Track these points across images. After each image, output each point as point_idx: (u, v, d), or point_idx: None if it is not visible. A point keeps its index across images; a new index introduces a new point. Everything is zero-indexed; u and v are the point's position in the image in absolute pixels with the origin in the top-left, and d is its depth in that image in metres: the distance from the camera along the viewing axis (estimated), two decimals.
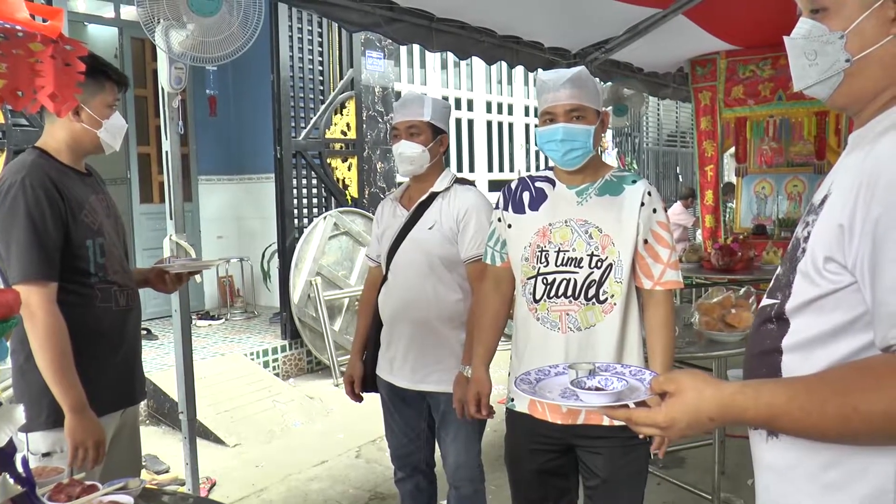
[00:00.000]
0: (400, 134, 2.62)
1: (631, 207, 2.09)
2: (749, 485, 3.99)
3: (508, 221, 2.28)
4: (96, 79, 2.20)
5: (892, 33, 1.07)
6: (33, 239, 2.05)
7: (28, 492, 0.97)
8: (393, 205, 2.77)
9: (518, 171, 10.06)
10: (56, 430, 2.12)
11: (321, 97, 6.79)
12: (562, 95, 2.10)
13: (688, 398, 1.12)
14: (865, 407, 0.98)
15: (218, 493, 4.07)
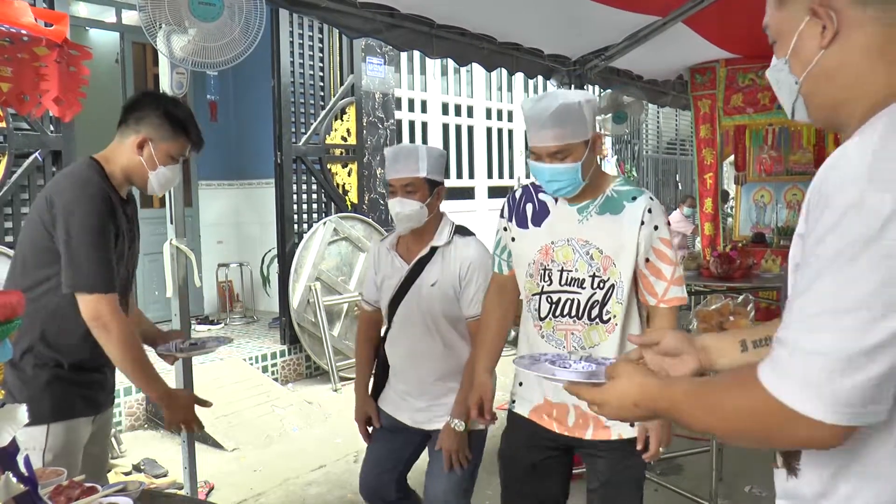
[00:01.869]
0: (396, 191, 2.51)
1: (631, 227, 2.08)
2: (746, 491, 4.00)
3: (513, 235, 2.29)
4: (175, 129, 2.33)
5: (822, 47, 1.11)
6: (101, 253, 2.15)
7: (30, 491, 0.98)
8: (390, 254, 2.67)
9: (518, 177, 10.08)
10: (31, 426, 2.09)
11: (321, 103, 6.81)
12: (545, 136, 2.05)
13: (620, 383, 1.25)
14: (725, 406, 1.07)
15: (216, 498, 4.07)
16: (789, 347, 0.97)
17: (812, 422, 0.94)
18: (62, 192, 2.18)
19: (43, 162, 4.61)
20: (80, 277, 2.14)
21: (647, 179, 13.06)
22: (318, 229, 6.59)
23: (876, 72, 1.07)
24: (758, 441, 1.07)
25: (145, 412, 5.20)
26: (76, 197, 2.16)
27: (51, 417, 2.21)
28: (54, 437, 2.22)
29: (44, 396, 2.20)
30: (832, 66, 1.11)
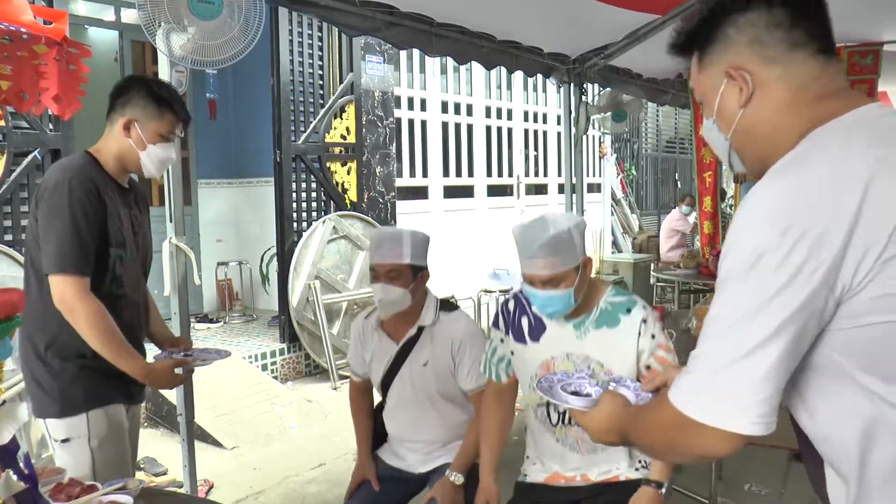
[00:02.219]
0: (379, 276, 2.48)
1: (629, 340, 2.13)
2: (746, 489, 4.00)
3: (511, 348, 2.33)
4: (159, 106, 2.33)
5: (741, 107, 1.22)
6: (72, 235, 2.14)
7: (31, 488, 0.98)
8: (376, 332, 2.64)
9: (517, 175, 10.08)
10: (70, 417, 2.23)
11: (321, 101, 6.81)
12: (536, 265, 2.10)
13: (598, 410, 1.44)
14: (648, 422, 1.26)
15: (215, 496, 4.08)
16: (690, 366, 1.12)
17: (709, 429, 1.07)
18: (46, 180, 2.24)
19: (42, 160, 4.60)
20: (47, 258, 2.16)
21: (646, 178, 13.07)
22: (318, 228, 6.59)
23: (788, 125, 1.18)
24: (669, 450, 1.24)
25: (145, 410, 5.21)
26: (50, 183, 2.20)
27: (87, 405, 2.25)
28: (95, 424, 2.26)
29: (76, 386, 2.24)
30: (752, 123, 1.23)
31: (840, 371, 1.07)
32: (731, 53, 1.23)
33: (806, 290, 1.01)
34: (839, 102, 1.16)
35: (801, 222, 1.01)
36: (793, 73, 1.19)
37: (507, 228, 7.97)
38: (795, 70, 1.19)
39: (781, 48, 1.20)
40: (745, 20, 1.22)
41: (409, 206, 8.21)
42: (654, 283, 8.52)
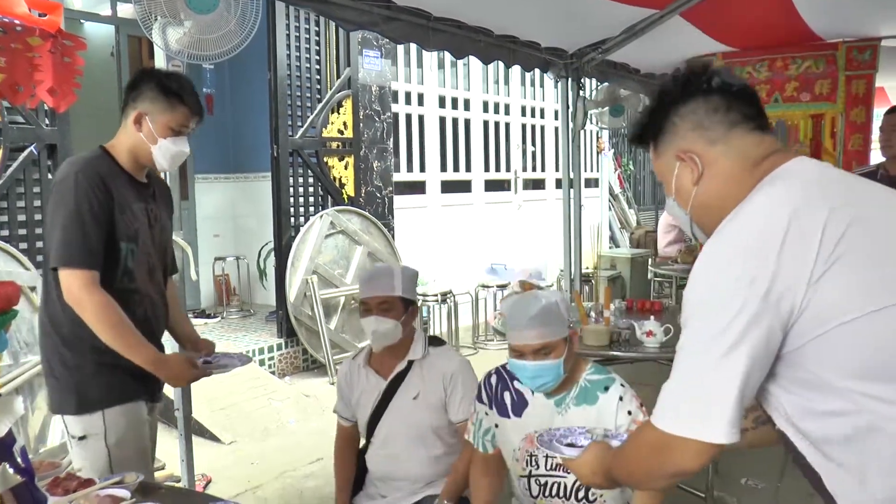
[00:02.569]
0: (371, 309, 2.52)
1: (607, 418, 2.18)
2: (742, 484, 4.01)
3: (495, 422, 2.36)
4: (169, 99, 2.31)
5: (694, 184, 1.40)
6: (76, 228, 2.12)
7: (27, 482, 0.98)
8: (364, 370, 2.66)
9: (514, 170, 10.07)
10: (87, 414, 2.21)
11: (318, 96, 6.80)
12: (528, 336, 2.15)
13: (584, 454, 1.63)
14: (627, 450, 1.48)
15: (213, 490, 4.08)
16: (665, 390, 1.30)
17: (686, 442, 1.23)
18: (54, 178, 2.24)
19: (38, 155, 4.59)
20: (53, 252, 2.15)
21: (643, 173, 13.06)
22: (315, 223, 6.59)
23: (735, 192, 1.33)
24: (648, 472, 1.37)
25: None
26: (58, 178, 2.19)
27: (104, 403, 2.23)
28: (113, 422, 2.24)
29: (93, 382, 2.23)
30: (706, 197, 1.40)
31: (819, 382, 1.22)
32: (679, 139, 1.42)
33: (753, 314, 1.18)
34: (770, 163, 1.34)
35: (741, 266, 1.20)
36: (733, 148, 1.37)
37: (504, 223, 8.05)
38: (735, 146, 1.37)
39: (721, 129, 1.38)
40: (687, 109, 1.41)
41: (407, 200, 8.21)
42: (652, 279, 8.53)
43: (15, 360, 4.13)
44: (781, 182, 1.29)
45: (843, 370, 1.19)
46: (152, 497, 1.85)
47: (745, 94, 1.41)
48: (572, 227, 5.89)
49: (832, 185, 1.30)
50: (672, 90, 1.44)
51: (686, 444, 1.23)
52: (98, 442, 2.21)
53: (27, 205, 4.60)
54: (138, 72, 2.41)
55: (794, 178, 1.30)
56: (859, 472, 1.22)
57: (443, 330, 7.32)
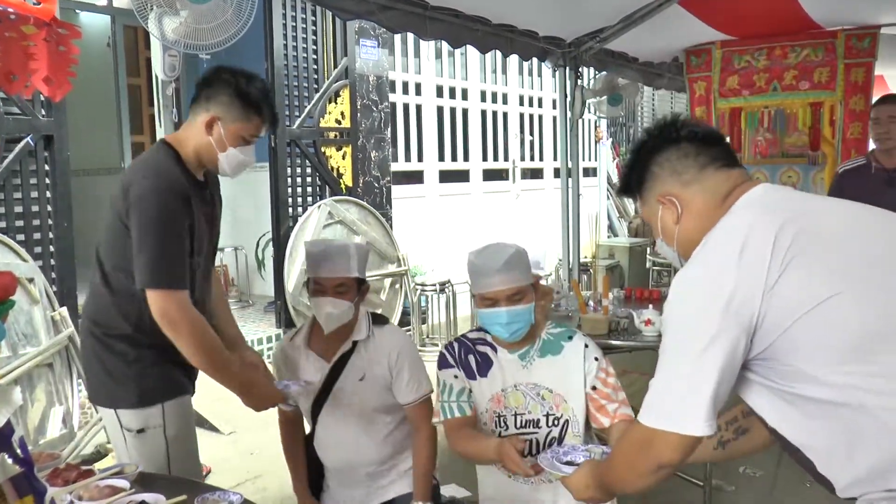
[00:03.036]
0: (325, 290, 2.39)
1: (575, 364, 2.22)
2: (740, 472, 4.02)
3: (467, 386, 2.30)
4: (247, 109, 2.24)
5: (676, 223, 1.57)
6: (170, 249, 2.08)
7: (26, 472, 0.98)
8: (304, 353, 2.53)
9: (512, 159, 10.06)
10: (146, 408, 2.19)
11: (315, 86, 6.78)
12: (499, 280, 2.19)
13: (578, 471, 1.80)
14: (616, 452, 1.67)
15: (213, 481, 4.08)
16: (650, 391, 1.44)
17: (669, 436, 1.38)
18: (136, 182, 2.11)
19: (35, 146, 4.58)
20: (146, 274, 2.07)
21: None
22: (313, 213, 6.58)
23: (708, 227, 1.46)
24: (636, 470, 1.50)
25: None
26: (147, 189, 2.09)
27: (164, 396, 2.22)
28: (171, 415, 2.23)
29: (153, 376, 2.20)
30: (687, 232, 1.55)
31: (796, 372, 1.33)
32: (660, 184, 1.59)
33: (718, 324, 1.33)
34: (736, 195, 1.50)
35: (706, 285, 1.38)
36: (705, 187, 1.54)
37: (502, 213, 8.02)
38: (706, 184, 1.54)
39: (693, 172, 1.55)
40: (663, 158, 1.58)
41: (405, 190, 8.20)
42: (650, 268, 8.53)
43: (14, 352, 4.13)
44: (741, 209, 1.47)
45: (813, 358, 1.31)
46: (152, 487, 1.85)
47: (711, 138, 1.60)
48: (570, 217, 5.88)
49: (785, 203, 1.46)
50: (647, 142, 1.63)
51: (667, 437, 1.38)
52: (157, 435, 2.20)
53: (24, 196, 4.59)
54: (215, 69, 2.30)
55: (750, 205, 1.47)
56: (846, 451, 1.32)
57: (441, 319, 7.32)
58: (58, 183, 4.72)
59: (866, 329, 1.29)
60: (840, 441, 1.33)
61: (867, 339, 1.29)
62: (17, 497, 0.96)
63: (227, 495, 1.81)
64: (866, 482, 1.32)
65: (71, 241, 4.85)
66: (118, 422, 2.20)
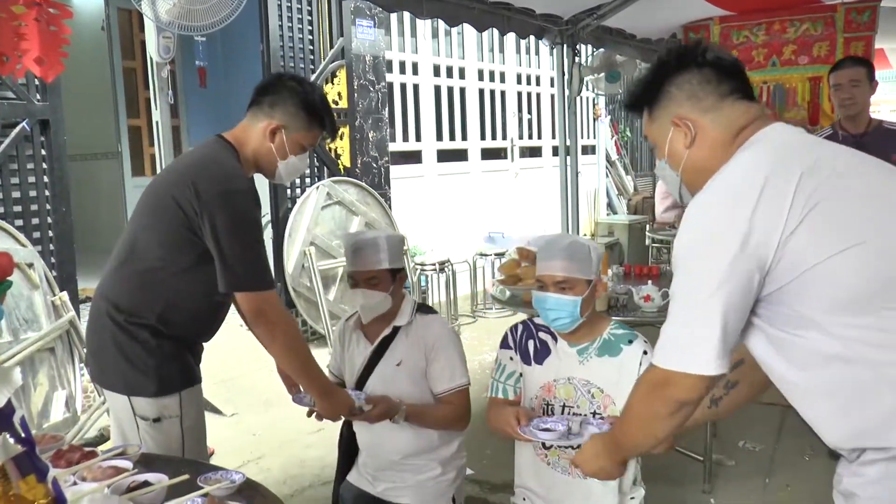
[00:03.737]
0: (358, 283, 2.46)
1: (630, 370, 2.20)
2: (740, 446, 4.05)
3: (519, 369, 2.36)
4: (311, 119, 2.27)
5: (687, 147, 1.54)
6: (256, 251, 2.11)
7: (28, 451, 0.98)
8: (355, 333, 2.62)
9: (510, 138, 10.03)
10: (164, 397, 2.19)
11: (312, 67, 6.74)
12: (553, 266, 2.23)
13: (587, 445, 1.82)
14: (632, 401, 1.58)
15: (216, 462, 4.07)
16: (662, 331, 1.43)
17: (684, 376, 1.37)
18: (210, 182, 2.11)
19: (31, 131, 4.56)
20: (239, 279, 2.10)
21: (640, 139, 13.02)
22: (312, 194, 6.57)
23: (722, 156, 1.46)
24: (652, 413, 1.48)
25: None
26: (226, 192, 2.09)
27: (181, 385, 2.23)
28: (187, 405, 2.24)
29: (172, 365, 2.21)
30: (695, 161, 1.54)
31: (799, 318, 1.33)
32: (675, 106, 1.55)
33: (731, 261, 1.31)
34: (751, 129, 1.49)
35: (721, 220, 1.35)
36: (723, 117, 1.51)
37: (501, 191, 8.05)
38: (724, 114, 1.51)
39: (713, 99, 1.52)
40: (683, 79, 1.55)
41: (403, 170, 8.19)
42: (650, 244, 8.52)
43: (15, 337, 4.14)
44: (759, 145, 1.44)
45: (822, 306, 1.30)
46: (154, 468, 1.86)
47: (735, 69, 1.56)
48: (569, 195, 5.88)
49: (804, 148, 1.42)
50: (668, 61, 1.58)
51: (683, 377, 1.37)
52: (174, 424, 2.21)
53: (21, 181, 4.58)
54: (278, 77, 2.34)
55: (770, 143, 1.44)
56: (843, 404, 1.33)
57: (441, 299, 7.34)
58: (55, 167, 4.71)
59: (881, 281, 1.28)
60: (837, 393, 1.33)
61: (880, 291, 1.28)
62: (20, 476, 0.97)
63: (229, 475, 1.82)
64: (858, 437, 1.32)
65: (70, 225, 4.85)
66: (131, 409, 2.19)
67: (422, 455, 2.55)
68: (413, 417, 2.46)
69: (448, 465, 2.57)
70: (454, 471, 2.58)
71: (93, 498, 1.27)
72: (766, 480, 3.65)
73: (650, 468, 2.54)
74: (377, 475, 2.59)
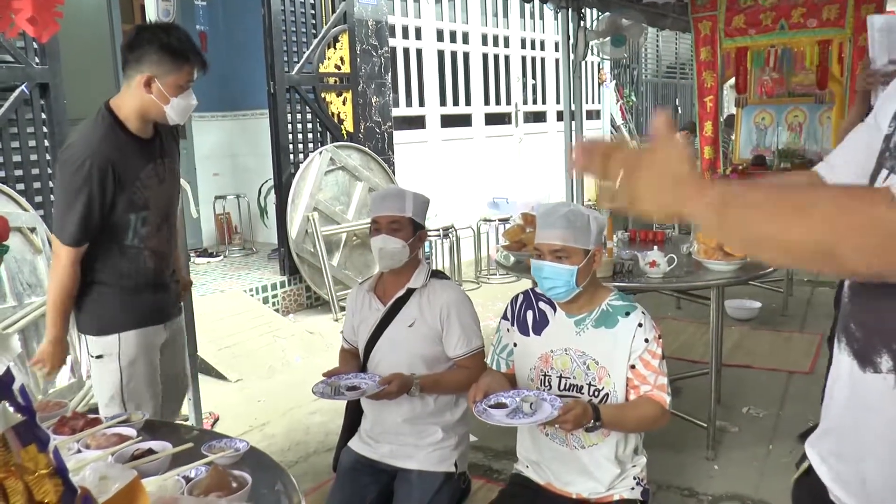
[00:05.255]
0: (381, 228, 2.52)
1: (624, 340, 2.19)
2: (744, 412, 4.06)
3: (515, 340, 2.37)
4: (176, 59, 2.38)
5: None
6: (79, 211, 2.33)
7: (28, 420, 0.97)
8: (368, 296, 2.65)
9: (515, 103, 9.95)
10: (103, 336, 2.48)
11: (313, 31, 6.66)
12: (550, 235, 2.21)
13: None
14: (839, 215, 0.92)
15: (221, 428, 4.13)
16: None
17: None
18: (67, 142, 2.44)
19: (30, 95, 4.52)
20: (55, 223, 2.41)
21: (646, 104, 12.91)
22: (314, 159, 6.53)
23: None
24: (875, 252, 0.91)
25: None
26: (67, 155, 2.35)
27: (121, 327, 2.48)
28: (126, 345, 2.48)
29: (114, 310, 2.49)
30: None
31: None
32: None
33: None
34: None
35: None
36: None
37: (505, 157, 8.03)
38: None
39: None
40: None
41: (407, 135, 8.13)
42: None
43: (19, 302, 4.13)
44: None
45: None
46: (159, 435, 1.86)
47: None
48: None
49: None
50: None
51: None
52: (112, 361, 2.48)
53: (21, 145, 4.54)
54: (135, 33, 2.43)
55: None
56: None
57: (445, 265, 7.33)
58: (55, 131, 4.67)
59: None
60: None
61: None
62: (21, 446, 0.96)
63: (233, 442, 1.81)
64: None
65: None
66: (87, 347, 2.54)
67: (425, 419, 2.56)
68: (428, 388, 2.48)
69: (451, 431, 2.57)
70: (456, 437, 2.58)
71: (96, 466, 1.26)
72: (769, 447, 3.66)
73: (652, 435, 2.54)
74: (379, 439, 2.60)
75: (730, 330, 5.22)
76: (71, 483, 1.03)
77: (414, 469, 2.54)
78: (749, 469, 3.47)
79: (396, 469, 2.57)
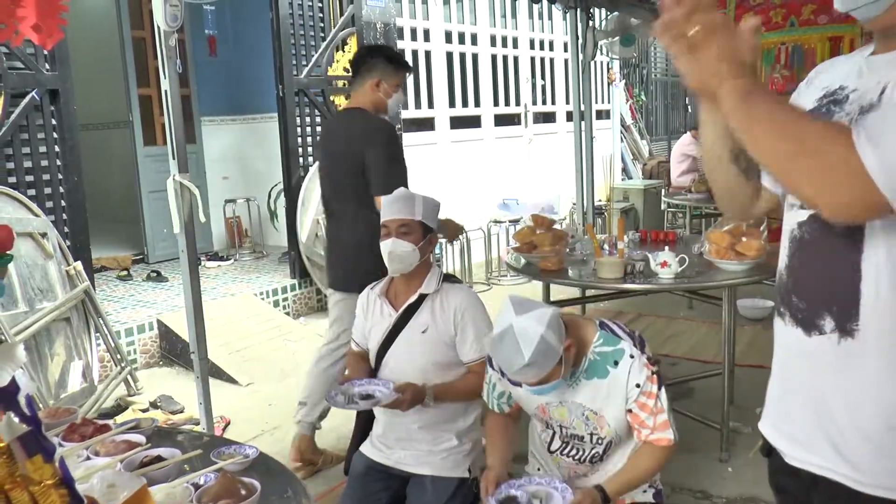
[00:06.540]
0: (390, 232, 2.52)
1: (618, 391, 2.15)
2: (757, 413, 4.01)
3: (508, 389, 2.33)
4: (396, 66, 3.42)
5: None
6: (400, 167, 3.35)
7: (34, 430, 0.96)
8: (379, 300, 2.64)
9: (524, 104, 9.93)
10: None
11: (322, 34, 6.66)
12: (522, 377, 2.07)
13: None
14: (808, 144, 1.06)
15: (232, 432, 4.12)
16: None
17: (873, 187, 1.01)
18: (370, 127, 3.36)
19: (41, 101, 4.54)
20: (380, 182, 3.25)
21: (655, 103, 12.86)
22: None
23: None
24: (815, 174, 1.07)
25: (160, 349, 5.25)
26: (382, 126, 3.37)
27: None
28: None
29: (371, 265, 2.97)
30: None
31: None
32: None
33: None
34: None
35: None
36: None
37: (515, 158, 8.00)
38: None
39: None
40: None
41: (416, 137, 8.12)
42: (665, 209, 8.45)
43: (31, 307, 4.15)
44: None
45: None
46: (168, 442, 1.86)
47: None
48: (584, 160, 5.82)
49: None
50: None
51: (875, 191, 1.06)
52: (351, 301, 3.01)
53: (33, 151, 4.56)
54: (366, 50, 3.74)
55: None
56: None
57: (455, 267, 7.31)
58: (66, 137, 4.69)
59: None
60: None
61: None
62: (26, 456, 0.95)
63: (242, 449, 1.81)
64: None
65: (82, 195, 4.84)
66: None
67: (439, 426, 2.55)
68: (441, 397, 2.47)
69: (464, 437, 2.57)
70: (470, 442, 2.58)
71: (104, 474, 1.26)
72: None
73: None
74: (393, 445, 2.59)
75: (742, 330, 5.17)
76: (77, 493, 1.02)
77: (428, 475, 2.53)
78: (763, 470, 3.40)
79: (409, 474, 2.56)
